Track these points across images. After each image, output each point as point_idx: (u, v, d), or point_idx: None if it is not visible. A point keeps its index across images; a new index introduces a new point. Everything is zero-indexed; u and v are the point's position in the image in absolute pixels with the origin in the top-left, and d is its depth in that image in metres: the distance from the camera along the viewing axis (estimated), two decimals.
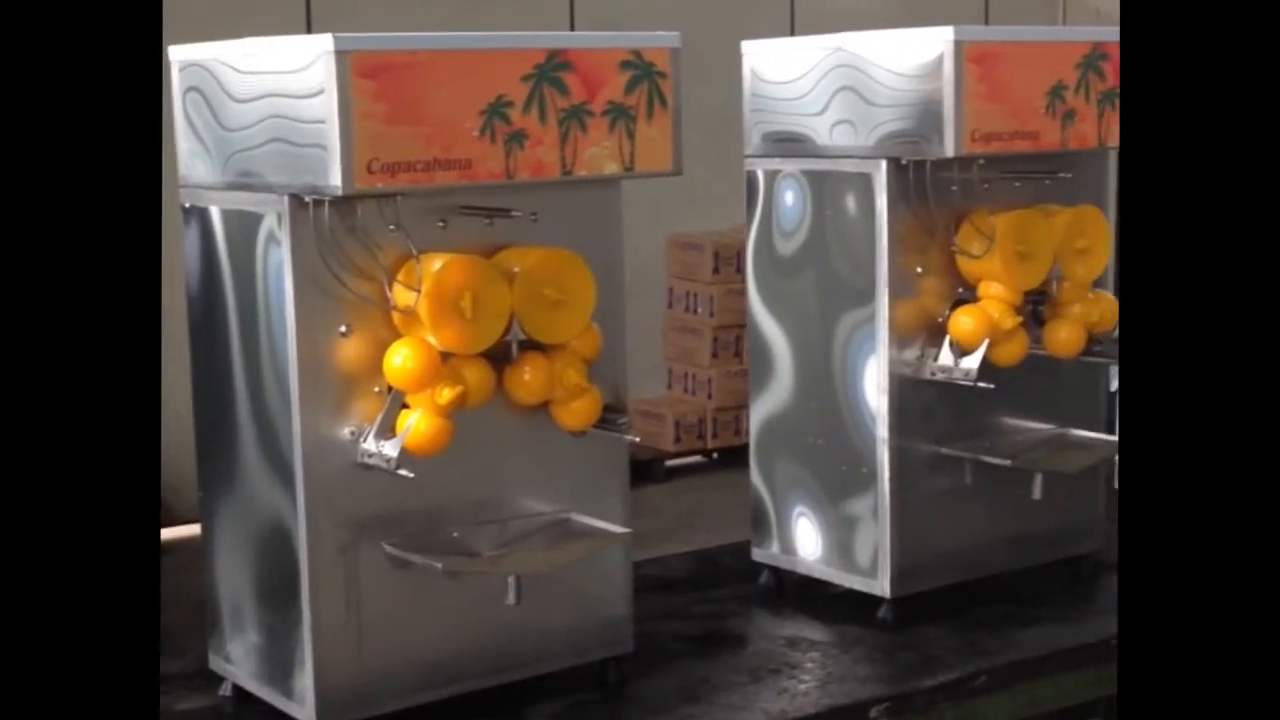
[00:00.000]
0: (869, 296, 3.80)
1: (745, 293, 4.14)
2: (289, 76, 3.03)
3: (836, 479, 3.95)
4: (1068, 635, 3.84)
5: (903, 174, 3.74)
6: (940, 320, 3.84)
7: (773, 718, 3.38)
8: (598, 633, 3.49)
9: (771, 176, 4.02)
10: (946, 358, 3.82)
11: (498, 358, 3.22)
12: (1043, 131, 3.77)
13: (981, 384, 3.76)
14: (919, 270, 3.81)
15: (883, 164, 3.73)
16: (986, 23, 10.51)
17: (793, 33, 8.76)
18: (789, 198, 3.99)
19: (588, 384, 3.31)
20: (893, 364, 3.80)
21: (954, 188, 3.76)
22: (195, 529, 3.54)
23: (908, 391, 3.83)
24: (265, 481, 3.24)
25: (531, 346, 3.25)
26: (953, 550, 3.96)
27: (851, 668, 3.65)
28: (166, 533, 5.21)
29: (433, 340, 3.11)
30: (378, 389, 3.15)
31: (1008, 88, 3.69)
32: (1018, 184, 3.89)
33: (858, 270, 3.82)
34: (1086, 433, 4.13)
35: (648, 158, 3.31)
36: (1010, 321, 3.81)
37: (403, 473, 3.08)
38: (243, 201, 3.20)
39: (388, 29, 3.15)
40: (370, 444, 3.13)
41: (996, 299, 3.83)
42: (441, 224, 3.20)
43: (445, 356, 3.13)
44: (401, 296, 3.11)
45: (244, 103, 3.16)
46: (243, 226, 3.21)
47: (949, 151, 3.63)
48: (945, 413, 3.90)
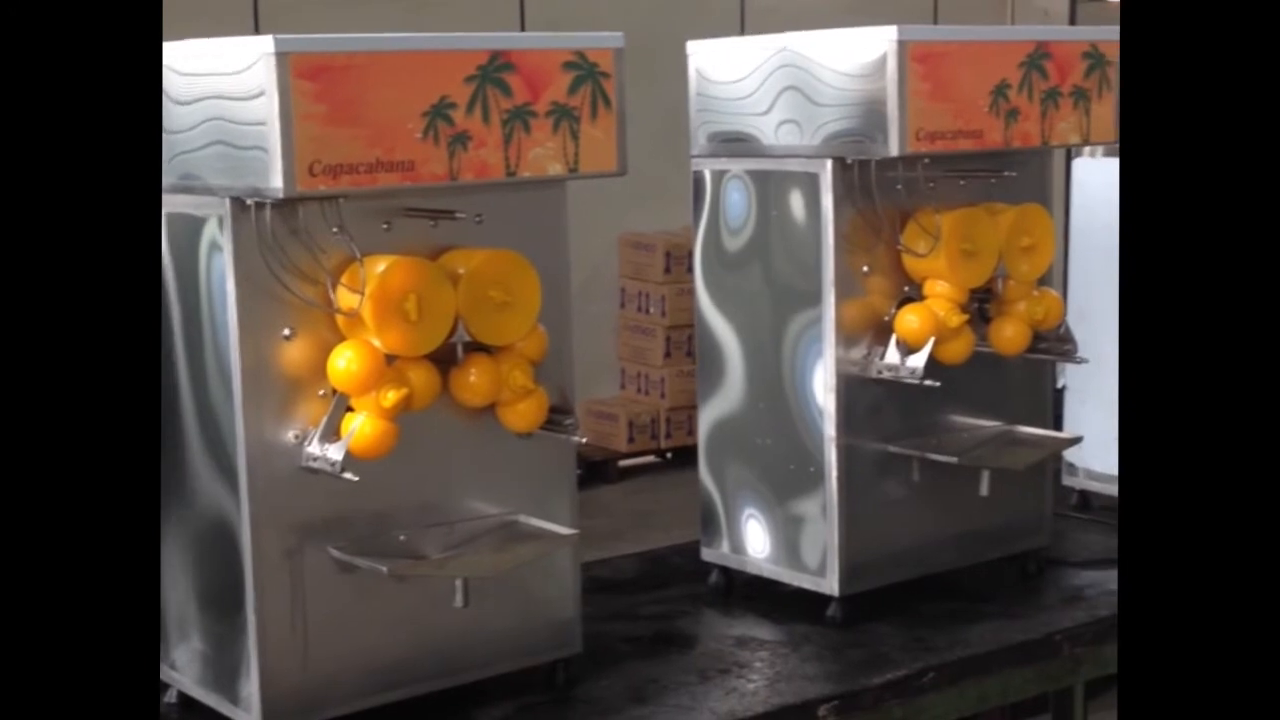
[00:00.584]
0: (815, 296, 3.81)
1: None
2: (229, 78, 3.01)
3: (785, 478, 3.95)
4: (1015, 631, 3.86)
5: (848, 173, 3.74)
6: (887, 319, 3.85)
7: (721, 718, 3.38)
8: (546, 634, 3.48)
9: (718, 176, 4.03)
10: (893, 356, 3.82)
11: (443, 360, 3.21)
12: (986, 130, 3.79)
13: (928, 382, 3.77)
14: (865, 269, 3.82)
15: (828, 163, 3.74)
16: (935, 23, 10.56)
17: (743, 33, 8.78)
18: (735, 197, 3.99)
19: (534, 385, 3.30)
20: (840, 363, 3.81)
21: (899, 187, 3.78)
22: None
23: (855, 390, 3.84)
24: (210, 486, 3.22)
25: (477, 348, 3.24)
26: (901, 548, 3.97)
27: (800, 666, 3.66)
28: None
29: (377, 343, 3.10)
30: (322, 392, 3.13)
31: (951, 87, 3.71)
32: (962, 183, 3.91)
33: (804, 270, 3.83)
34: (1033, 429, 4.15)
35: (592, 158, 3.31)
36: (956, 320, 3.82)
37: (348, 476, 3.07)
38: (185, 204, 3.17)
39: (337, 31, 3.14)
40: (315, 447, 3.11)
41: (942, 297, 3.84)
42: (385, 226, 3.19)
43: (390, 359, 3.12)
44: (345, 299, 3.10)
45: (185, 105, 3.14)
46: (185, 229, 3.19)
47: (894, 150, 3.64)
48: (892, 411, 3.91)
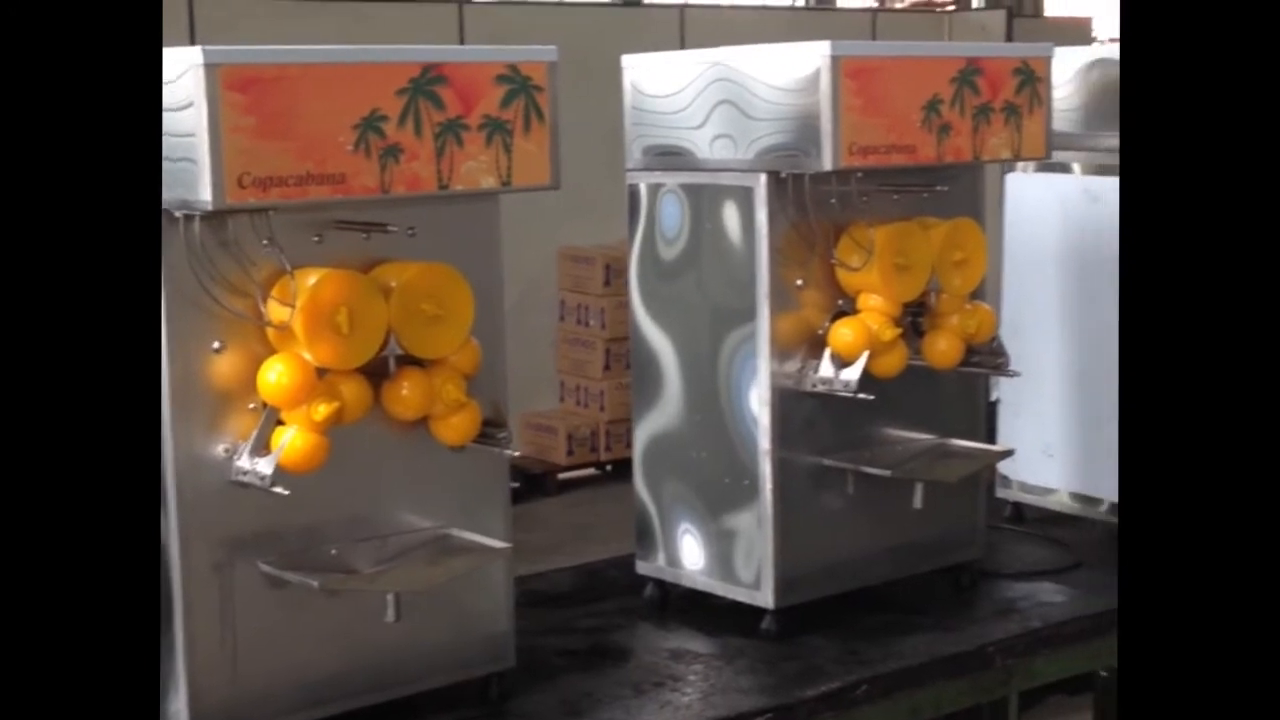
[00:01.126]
0: (750, 310, 3.82)
1: None
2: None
3: (720, 491, 3.96)
4: (948, 643, 3.88)
5: (782, 187, 3.76)
6: (821, 332, 3.86)
7: None
8: (479, 648, 3.47)
9: (653, 190, 4.04)
10: (827, 369, 3.84)
11: (375, 373, 3.20)
12: (919, 145, 3.82)
13: (862, 395, 3.79)
14: (799, 283, 3.84)
15: (762, 177, 3.76)
16: (874, 40, 10.63)
17: (683, 48, 8.81)
18: (670, 211, 4.00)
19: (467, 398, 3.29)
20: (774, 376, 3.82)
21: (833, 201, 3.79)
22: None
23: (789, 403, 3.85)
24: None
25: (409, 361, 3.23)
26: (835, 561, 3.98)
27: (734, 679, 3.66)
28: None
29: (308, 356, 3.08)
30: (252, 405, 3.11)
31: (884, 102, 3.73)
32: (896, 197, 3.93)
33: (739, 283, 3.84)
34: (966, 442, 4.18)
35: (525, 172, 3.31)
36: (889, 333, 3.84)
37: (278, 490, 3.05)
38: None
39: (275, 43, 3.12)
40: (245, 461, 3.09)
41: (876, 311, 3.86)
42: (317, 239, 3.18)
43: (321, 372, 3.11)
44: (276, 312, 3.08)
45: None
46: None
47: (827, 165, 3.66)
48: (827, 424, 3.92)
